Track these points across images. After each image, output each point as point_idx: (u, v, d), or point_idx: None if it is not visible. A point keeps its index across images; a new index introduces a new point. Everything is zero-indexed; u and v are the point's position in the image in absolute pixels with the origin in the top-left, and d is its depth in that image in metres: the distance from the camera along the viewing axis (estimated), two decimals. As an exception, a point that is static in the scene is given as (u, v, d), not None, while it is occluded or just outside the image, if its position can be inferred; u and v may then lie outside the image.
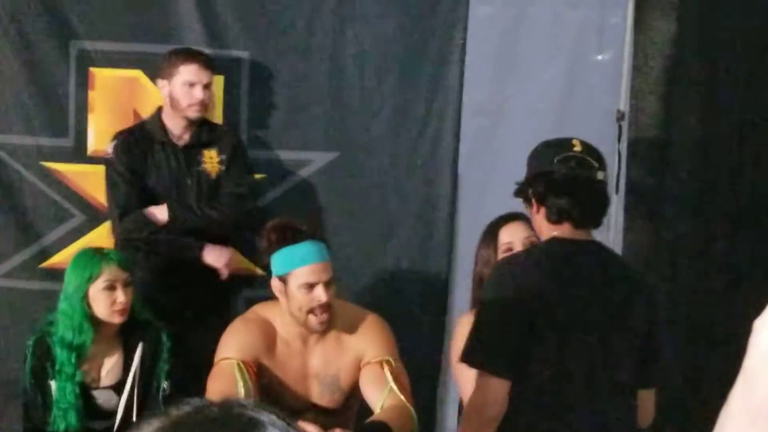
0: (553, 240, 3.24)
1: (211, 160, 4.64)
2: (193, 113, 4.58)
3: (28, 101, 4.78)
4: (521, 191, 3.36)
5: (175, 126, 4.63)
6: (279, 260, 3.68)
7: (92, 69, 4.79)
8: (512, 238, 3.91)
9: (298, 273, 3.66)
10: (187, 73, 4.56)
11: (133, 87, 4.81)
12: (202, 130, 4.65)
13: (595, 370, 3.16)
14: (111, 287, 3.89)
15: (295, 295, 3.68)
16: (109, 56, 4.80)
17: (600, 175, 3.24)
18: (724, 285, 5.19)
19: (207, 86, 4.59)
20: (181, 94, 4.56)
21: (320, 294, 3.66)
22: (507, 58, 5.03)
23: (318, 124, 4.92)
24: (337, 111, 4.91)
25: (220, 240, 4.64)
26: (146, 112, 4.79)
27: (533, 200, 3.30)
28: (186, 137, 4.64)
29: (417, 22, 4.90)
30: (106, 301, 3.88)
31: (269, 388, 3.82)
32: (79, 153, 4.81)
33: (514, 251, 3.78)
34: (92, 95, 4.81)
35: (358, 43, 4.88)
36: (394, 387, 3.68)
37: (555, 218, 3.24)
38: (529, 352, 3.11)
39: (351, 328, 3.84)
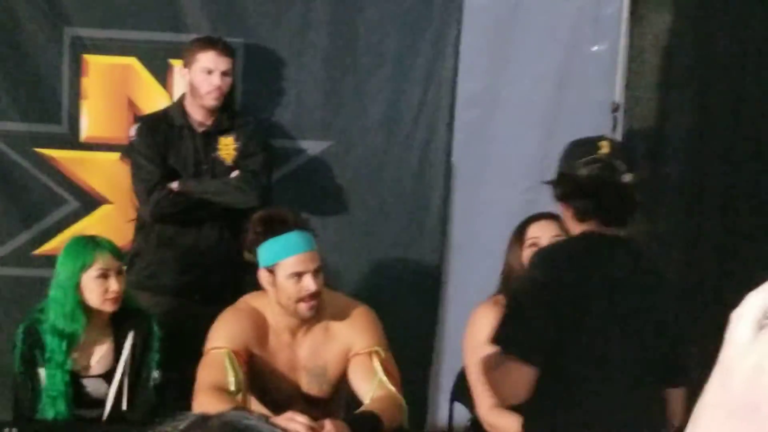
0: (584, 234, 3.29)
1: (227, 147, 4.66)
2: (211, 101, 4.60)
3: (21, 87, 4.78)
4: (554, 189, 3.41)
5: (196, 112, 4.65)
6: (266, 251, 3.68)
7: (86, 56, 4.80)
8: (540, 233, 3.95)
9: (286, 263, 3.67)
10: (205, 60, 4.58)
11: (127, 74, 4.81)
12: (223, 117, 4.67)
13: (623, 363, 3.21)
14: (104, 275, 3.89)
15: (284, 286, 3.69)
16: (102, 43, 4.80)
17: (626, 178, 3.27)
18: (716, 277, 5.19)
19: (225, 73, 4.60)
20: (199, 82, 4.59)
21: (309, 283, 3.67)
22: (502, 49, 5.03)
23: (312, 113, 4.92)
24: (331, 100, 4.91)
25: (237, 224, 4.68)
26: (140, 100, 4.81)
27: (561, 200, 3.36)
28: (207, 123, 4.66)
29: (412, 12, 4.89)
30: (99, 289, 3.88)
31: (259, 377, 3.83)
32: (72, 139, 4.82)
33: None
34: (86, 82, 4.81)
35: (352, 32, 4.87)
36: (383, 378, 3.69)
37: (580, 218, 3.30)
38: (560, 341, 3.15)
39: (339, 319, 3.85)
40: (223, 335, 3.74)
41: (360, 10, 4.87)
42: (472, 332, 3.94)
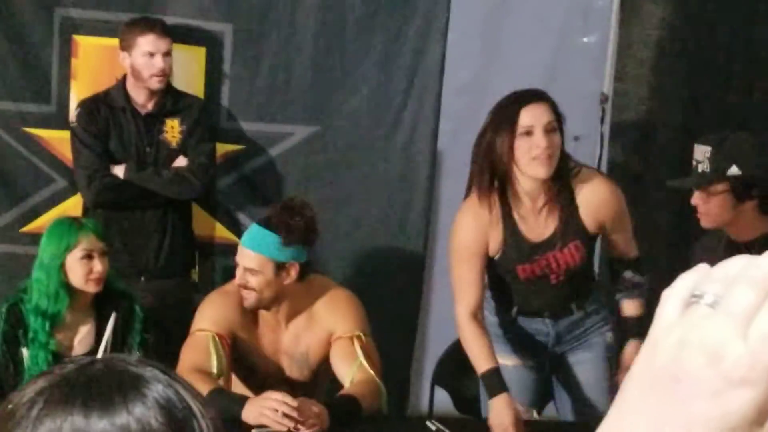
0: None
1: (173, 129, 4.67)
2: (156, 83, 4.60)
3: (11, 67, 4.79)
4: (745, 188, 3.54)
5: (139, 95, 4.66)
6: None
7: (76, 37, 4.81)
8: (534, 121, 3.68)
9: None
10: (146, 43, 4.56)
11: (116, 55, 4.78)
12: (167, 99, 4.67)
13: None
14: (88, 256, 3.92)
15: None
16: (92, 24, 4.81)
17: None
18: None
19: (167, 54, 4.59)
20: (142, 65, 4.57)
21: (238, 275, 3.79)
22: (493, 38, 5.04)
23: (299, 98, 4.93)
24: (318, 85, 4.92)
25: (184, 206, 4.74)
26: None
27: (747, 197, 3.55)
28: (149, 106, 4.67)
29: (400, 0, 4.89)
30: (83, 270, 3.90)
31: (243, 360, 3.88)
32: (61, 119, 4.82)
33: (535, 136, 3.65)
34: (75, 63, 4.82)
35: (340, 18, 4.88)
36: (364, 362, 3.75)
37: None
38: None
39: (323, 304, 3.91)
40: (209, 317, 3.80)
41: (348, -1, 4.89)
42: (456, 236, 3.87)
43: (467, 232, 3.81)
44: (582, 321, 4.00)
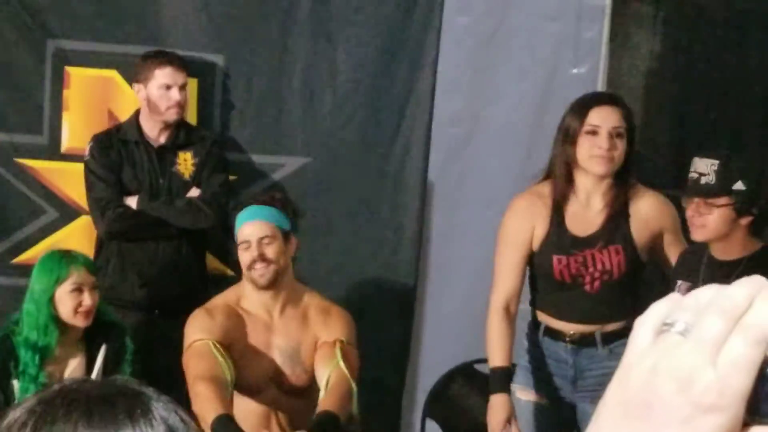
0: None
1: (185, 162, 4.69)
2: (172, 115, 4.63)
3: (3, 98, 4.82)
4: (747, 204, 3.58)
5: (152, 128, 4.69)
6: (234, 227, 3.97)
7: (68, 68, 4.83)
8: (600, 122, 3.86)
9: (239, 232, 3.93)
10: (163, 76, 4.60)
11: (108, 87, 4.84)
12: (180, 132, 4.70)
13: None
14: (78, 290, 3.92)
15: (240, 256, 3.93)
16: (84, 56, 4.83)
17: None
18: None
19: (183, 87, 4.64)
20: (158, 98, 4.61)
21: (253, 250, 3.86)
22: (483, 69, 5.06)
23: (290, 130, 4.95)
24: (309, 117, 4.94)
25: (196, 238, 4.71)
26: (121, 112, 4.84)
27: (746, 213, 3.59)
28: (162, 139, 4.70)
29: (390, 31, 4.92)
30: (72, 303, 3.91)
31: (235, 365, 3.88)
32: (53, 150, 4.85)
33: (599, 136, 3.82)
34: (67, 94, 4.84)
35: (331, 50, 4.90)
36: (341, 363, 3.82)
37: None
38: None
39: (316, 313, 4.00)
40: (200, 329, 3.86)
41: (339, 29, 4.90)
42: (507, 220, 4.04)
43: (518, 218, 3.99)
44: (605, 361, 3.94)
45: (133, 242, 4.65)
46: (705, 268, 3.73)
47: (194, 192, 4.68)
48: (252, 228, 3.88)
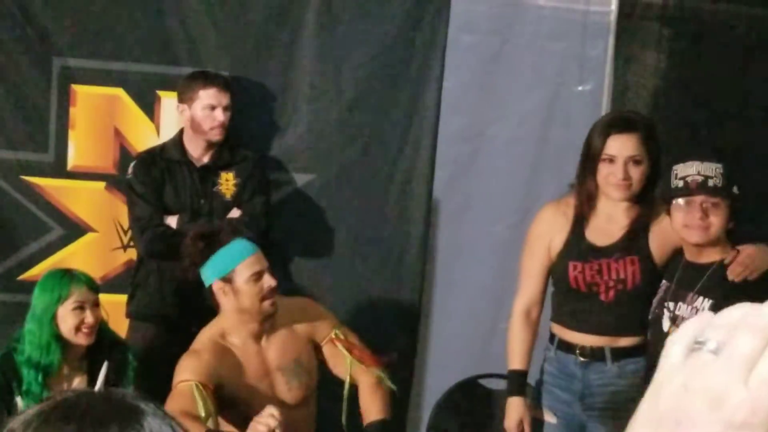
0: None
1: (227, 182, 4.71)
2: (215, 135, 4.66)
3: (9, 116, 4.82)
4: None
5: (195, 148, 4.71)
6: (217, 263, 3.85)
7: (74, 86, 4.84)
8: (616, 152, 3.89)
9: (242, 267, 3.83)
10: (207, 97, 4.62)
11: (114, 104, 4.85)
12: (223, 152, 4.72)
13: None
14: (80, 308, 3.91)
15: (245, 289, 3.83)
16: (91, 74, 4.84)
17: None
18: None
19: (227, 108, 4.66)
20: (202, 118, 4.63)
21: (268, 280, 3.83)
22: (489, 86, 5.07)
23: (295, 147, 4.95)
24: (313, 134, 4.95)
25: None
26: (127, 130, 4.86)
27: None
28: (205, 159, 4.72)
29: (395, 49, 4.93)
30: (74, 321, 3.90)
31: (232, 400, 3.87)
32: (59, 168, 4.86)
33: (615, 165, 3.86)
34: (73, 112, 4.85)
35: (336, 67, 4.91)
36: (354, 360, 3.98)
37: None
38: None
39: (292, 316, 4.00)
40: (188, 370, 3.81)
41: (344, 47, 4.91)
42: (532, 227, 4.14)
43: (542, 225, 4.08)
44: (614, 378, 3.96)
45: (171, 261, 4.65)
46: (682, 270, 3.79)
47: (235, 213, 4.69)
48: (260, 260, 3.85)
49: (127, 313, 4.74)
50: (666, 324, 3.78)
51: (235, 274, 3.81)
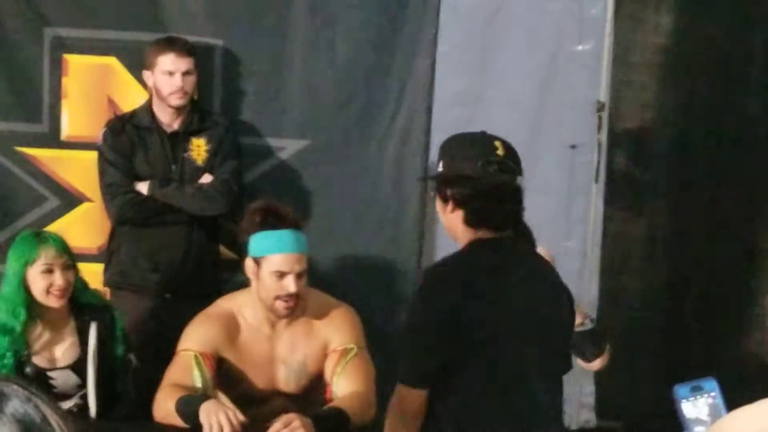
0: (475, 243, 3.14)
1: (198, 148, 4.71)
2: (175, 101, 4.64)
3: (1, 87, 4.84)
4: (438, 187, 3.22)
5: (164, 114, 4.70)
6: (257, 242, 3.76)
7: (66, 55, 4.85)
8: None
9: (272, 259, 3.74)
10: (166, 62, 4.62)
11: (107, 74, 4.85)
12: (193, 118, 4.71)
13: (527, 373, 3.12)
14: (49, 270, 3.90)
15: (266, 280, 3.76)
16: (83, 43, 4.85)
17: (519, 181, 3.16)
18: (702, 275, 5.16)
19: (187, 73, 4.64)
20: (161, 83, 4.63)
21: (290, 284, 3.73)
22: (486, 48, 5.00)
23: (290, 112, 4.93)
24: (308, 99, 4.92)
25: (208, 223, 4.72)
26: (120, 99, 4.87)
27: (451, 201, 3.15)
28: (175, 125, 4.71)
29: (388, 12, 4.89)
30: (43, 283, 3.88)
31: (232, 376, 3.86)
32: (53, 138, 4.87)
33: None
34: (66, 81, 4.86)
35: (329, 32, 4.89)
36: (349, 371, 3.76)
37: (474, 222, 3.12)
38: (457, 359, 3.06)
39: (320, 316, 3.89)
40: (193, 338, 3.81)
41: (336, 12, 4.88)
42: None
43: None
44: None
45: (144, 227, 4.65)
46: None
47: (206, 178, 4.69)
48: (290, 262, 3.75)
49: (104, 282, 4.73)
50: None
51: (264, 261, 3.75)
